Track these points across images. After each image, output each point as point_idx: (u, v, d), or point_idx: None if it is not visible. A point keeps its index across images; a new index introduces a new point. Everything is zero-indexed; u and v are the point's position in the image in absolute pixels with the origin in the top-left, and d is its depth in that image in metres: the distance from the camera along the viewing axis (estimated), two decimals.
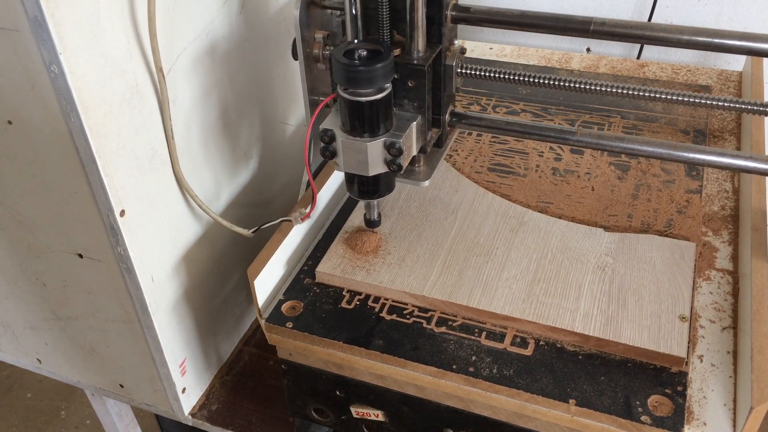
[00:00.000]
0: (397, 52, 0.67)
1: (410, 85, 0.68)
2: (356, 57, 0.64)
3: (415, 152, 0.71)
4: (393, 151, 0.66)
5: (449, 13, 0.68)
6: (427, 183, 0.76)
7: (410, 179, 0.75)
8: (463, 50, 0.72)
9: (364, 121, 0.65)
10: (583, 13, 1.29)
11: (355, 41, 0.67)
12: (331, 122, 0.68)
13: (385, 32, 0.66)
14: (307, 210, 0.78)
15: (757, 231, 0.76)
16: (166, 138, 0.71)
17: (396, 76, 0.66)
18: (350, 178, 0.71)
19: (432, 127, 0.73)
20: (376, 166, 0.68)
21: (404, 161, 0.67)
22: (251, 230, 0.81)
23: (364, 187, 0.72)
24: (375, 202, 0.76)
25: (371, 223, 0.78)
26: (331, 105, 0.81)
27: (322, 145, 0.68)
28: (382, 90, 0.64)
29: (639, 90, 0.68)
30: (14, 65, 0.60)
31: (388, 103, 0.66)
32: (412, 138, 0.69)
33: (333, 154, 0.68)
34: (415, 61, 0.67)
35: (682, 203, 0.86)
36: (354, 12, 0.66)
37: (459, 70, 0.71)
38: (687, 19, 1.23)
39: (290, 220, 0.78)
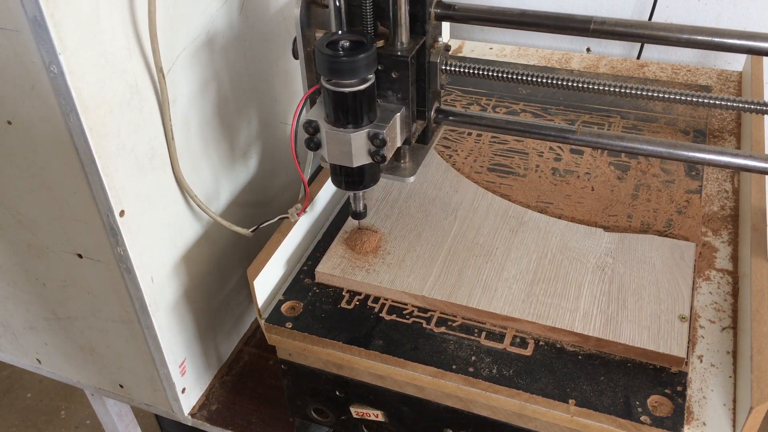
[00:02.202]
0: (380, 43, 0.67)
1: (394, 76, 0.68)
2: (339, 48, 0.64)
3: (399, 143, 0.71)
4: (377, 142, 0.66)
5: (432, 10, 0.69)
6: (412, 179, 0.76)
7: (395, 175, 0.76)
8: (447, 47, 0.72)
9: (348, 111, 0.65)
10: (583, 12, 1.29)
11: (339, 32, 0.67)
12: (316, 114, 0.68)
13: (369, 24, 0.67)
14: (302, 205, 0.78)
15: (757, 231, 0.76)
16: (166, 138, 0.71)
17: (380, 68, 0.67)
18: (335, 170, 0.71)
19: (416, 119, 0.73)
20: (360, 157, 0.68)
21: (388, 152, 0.68)
22: (250, 230, 0.81)
23: (349, 179, 0.71)
24: (360, 193, 0.76)
25: (357, 215, 0.78)
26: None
27: (307, 136, 0.68)
28: (365, 81, 0.64)
29: (638, 89, 0.68)
30: (14, 65, 0.60)
31: (371, 94, 0.66)
32: (396, 129, 0.69)
33: (318, 146, 0.68)
34: (399, 53, 0.67)
35: (682, 203, 0.86)
36: (337, 4, 0.67)
37: (443, 67, 0.71)
38: (687, 19, 1.23)
39: (287, 217, 0.78)
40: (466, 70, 0.72)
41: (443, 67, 0.71)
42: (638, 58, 1.27)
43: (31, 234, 0.76)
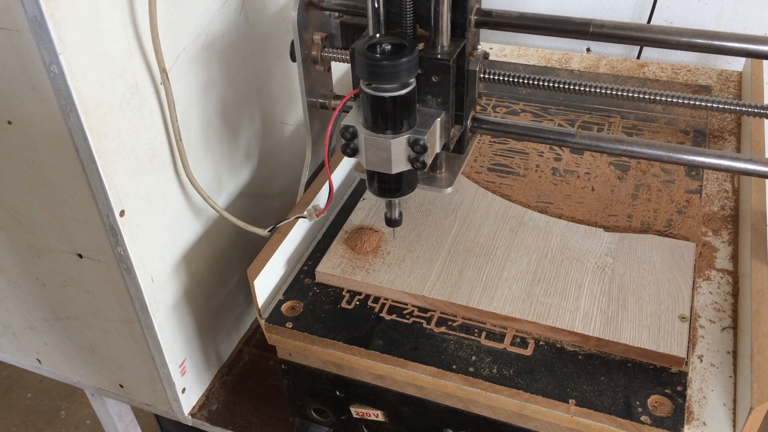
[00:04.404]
0: (420, 46, 0.65)
1: (434, 80, 0.66)
2: (380, 51, 0.62)
3: (438, 149, 0.69)
4: (417, 148, 0.64)
5: (473, 17, 0.67)
6: (449, 190, 0.74)
7: (432, 186, 0.74)
8: (486, 55, 0.71)
9: (388, 117, 0.63)
10: (583, 12, 1.29)
11: (377, 35, 0.64)
12: (353, 118, 0.66)
13: (408, 27, 0.64)
14: (323, 206, 0.77)
15: (757, 231, 0.76)
16: (174, 138, 0.71)
17: (420, 71, 0.64)
18: (371, 176, 0.69)
19: (454, 124, 0.71)
20: (400, 164, 0.65)
21: (428, 158, 0.65)
22: (267, 229, 0.79)
23: (386, 185, 0.69)
24: (396, 200, 0.73)
25: (392, 222, 0.75)
26: (328, 106, 0.80)
27: (344, 141, 0.66)
28: (406, 85, 0.62)
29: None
30: (14, 65, 0.60)
31: (412, 98, 0.63)
32: (436, 135, 0.67)
33: (354, 151, 0.66)
34: (440, 56, 0.65)
35: (682, 203, 0.86)
36: (376, 5, 0.65)
37: (482, 75, 0.70)
38: (687, 19, 1.23)
39: (305, 217, 0.78)
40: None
41: (481, 75, 0.70)
42: (638, 58, 1.27)
43: (31, 234, 0.76)
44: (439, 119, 0.66)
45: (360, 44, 0.62)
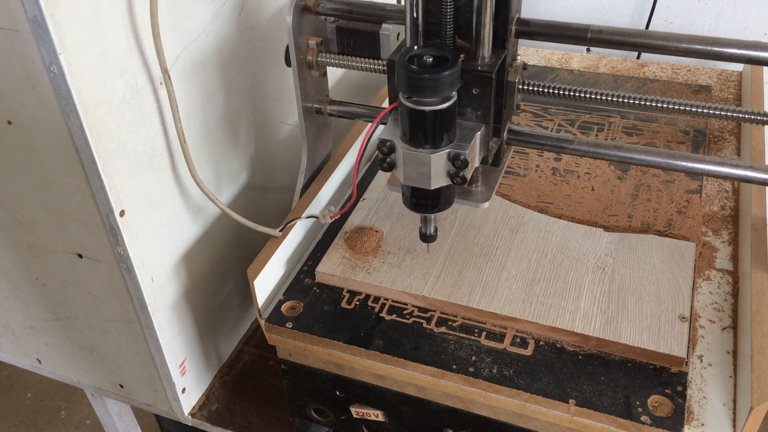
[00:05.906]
0: (461, 57, 0.62)
1: (474, 92, 0.64)
2: (421, 64, 0.59)
3: (477, 164, 0.67)
4: (458, 164, 0.62)
5: (513, 27, 0.66)
6: (486, 204, 0.72)
7: (469, 200, 0.72)
8: (525, 66, 0.69)
9: (428, 131, 0.60)
10: (583, 12, 1.29)
11: (416, 47, 0.62)
12: (390, 132, 0.63)
13: (448, 38, 0.63)
14: (339, 209, 0.76)
15: (757, 231, 0.76)
16: (179, 138, 0.71)
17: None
18: (408, 191, 0.67)
19: (493, 137, 0.69)
20: (439, 179, 0.63)
21: (468, 173, 0.63)
22: (278, 229, 0.79)
23: (423, 201, 0.66)
24: (432, 216, 0.70)
25: (427, 238, 0.72)
26: (324, 111, 0.79)
27: (380, 156, 0.64)
28: (447, 99, 0.59)
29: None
30: (14, 65, 0.60)
31: (453, 112, 0.61)
32: (476, 149, 0.65)
33: (392, 166, 0.64)
34: (481, 68, 0.63)
35: (682, 203, 0.86)
36: (415, 15, 0.63)
37: (520, 87, 0.68)
38: (687, 19, 1.23)
39: (317, 217, 0.77)
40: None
41: (520, 87, 0.68)
42: (638, 58, 1.27)
43: (31, 234, 0.76)
44: (479, 133, 0.64)
45: (400, 56, 0.59)
